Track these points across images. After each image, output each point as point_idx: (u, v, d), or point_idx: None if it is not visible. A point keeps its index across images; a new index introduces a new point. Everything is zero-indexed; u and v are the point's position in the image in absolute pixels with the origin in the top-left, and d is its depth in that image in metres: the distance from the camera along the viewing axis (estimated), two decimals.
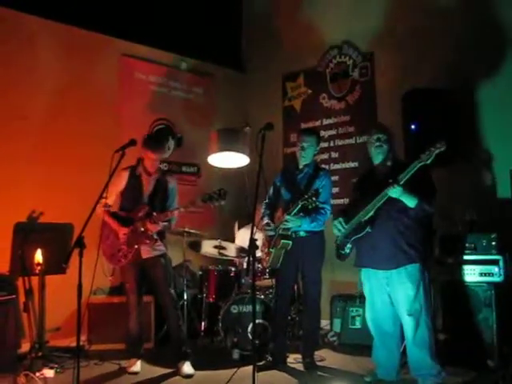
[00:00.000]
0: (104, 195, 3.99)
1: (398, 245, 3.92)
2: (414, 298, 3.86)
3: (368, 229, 3.99)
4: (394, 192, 3.72)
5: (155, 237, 4.62)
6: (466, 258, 4.63)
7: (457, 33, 5.50)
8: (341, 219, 4.18)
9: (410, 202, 3.78)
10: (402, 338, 4.11)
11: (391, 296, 4.01)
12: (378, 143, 4.08)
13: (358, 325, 5.37)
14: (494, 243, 4.56)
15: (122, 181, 4.71)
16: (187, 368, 4.58)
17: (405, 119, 5.27)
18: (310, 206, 4.30)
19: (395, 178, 3.74)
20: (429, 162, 3.61)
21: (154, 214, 4.52)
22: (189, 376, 4.51)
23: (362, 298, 5.39)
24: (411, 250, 3.90)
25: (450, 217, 4.90)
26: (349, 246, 4.18)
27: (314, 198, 4.23)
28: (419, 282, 3.89)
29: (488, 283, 4.51)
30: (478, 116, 5.30)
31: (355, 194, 4.39)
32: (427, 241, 4.04)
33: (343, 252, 4.22)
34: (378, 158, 4.13)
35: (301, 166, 4.77)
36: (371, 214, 3.94)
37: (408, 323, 3.91)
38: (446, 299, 4.68)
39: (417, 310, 3.86)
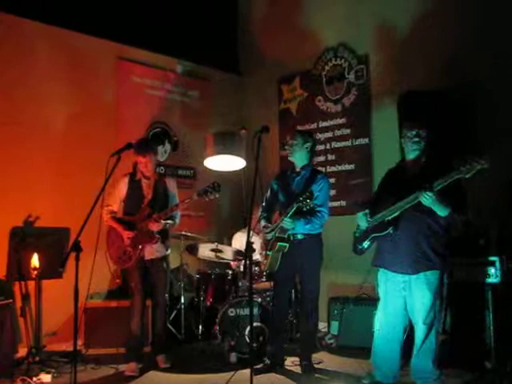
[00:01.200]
0: (105, 203, 4.45)
1: (420, 248, 3.80)
2: (431, 307, 3.78)
3: (390, 230, 3.85)
4: (427, 200, 3.54)
5: (158, 236, 4.73)
6: (462, 259, 4.63)
7: (452, 35, 5.51)
8: (367, 211, 4.03)
9: (442, 211, 3.64)
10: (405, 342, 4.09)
11: (407, 301, 3.92)
12: (416, 139, 3.89)
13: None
14: (490, 244, 4.56)
15: (123, 187, 4.87)
16: (165, 359, 4.86)
17: (400, 121, 5.27)
18: (304, 208, 4.29)
19: (427, 180, 3.56)
20: (468, 176, 3.42)
21: (155, 215, 4.68)
22: (164, 368, 4.78)
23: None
24: (433, 255, 3.79)
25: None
26: (367, 242, 4.06)
27: (308, 200, 4.22)
28: (437, 289, 3.80)
29: (485, 284, 4.51)
30: (473, 118, 5.30)
31: (381, 189, 4.23)
32: (448, 247, 3.90)
33: (360, 246, 4.11)
34: (413, 154, 3.94)
35: (297, 169, 4.77)
36: (396, 214, 3.81)
37: (421, 331, 3.83)
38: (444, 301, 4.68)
39: (432, 319, 3.81)
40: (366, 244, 4.09)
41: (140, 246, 4.70)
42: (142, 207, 4.77)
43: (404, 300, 3.94)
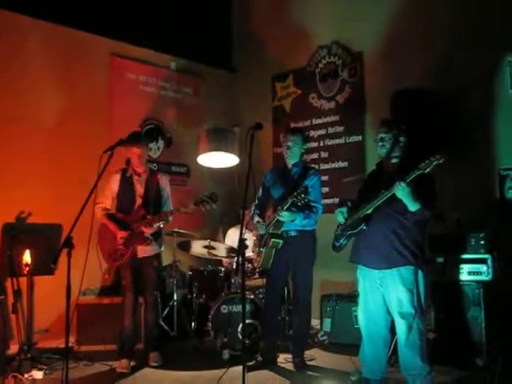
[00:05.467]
0: (97, 200, 4.45)
1: (392, 245, 3.86)
2: (407, 301, 3.81)
3: (363, 226, 3.94)
4: (400, 191, 3.63)
5: (150, 238, 4.74)
6: (454, 257, 4.65)
7: (446, 33, 5.53)
8: (344, 209, 4.10)
9: (413, 205, 3.70)
10: (392, 337, 4.12)
11: (384, 297, 3.98)
12: (380, 143, 3.99)
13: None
14: (482, 242, 4.58)
15: (115, 183, 4.87)
16: (157, 357, 4.86)
17: (394, 119, 5.28)
18: (299, 203, 4.29)
19: (398, 179, 3.65)
20: (426, 171, 3.56)
21: (149, 217, 4.68)
22: (156, 366, 4.78)
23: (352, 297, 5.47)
24: (406, 251, 3.84)
25: (438, 216, 4.92)
26: (344, 239, 4.13)
27: (303, 195, 4.23)
28: (413, 285, 3.83)
29: (477, 282, 4.54)
30: (467, 116, 5.32)
31: (362, 189, 4.28)
32: (423, 243, 3.99)
33: (338, 244, 4.18)
34: (381, 155, 4.06)
35: (289, 166, 4.78)
36: (369, 211, 3.90)
37: (400, 325, 3.89)
38: (434, 298, 4.70)
39: (410, 313, 3.83)
40: (342, 241, 4.16)
41: (132, 246, 4.71)
42: (136, 208, 4.77)
43: (382, 295, 3.98)
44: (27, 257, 4.79)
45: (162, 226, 4.78)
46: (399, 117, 5.23)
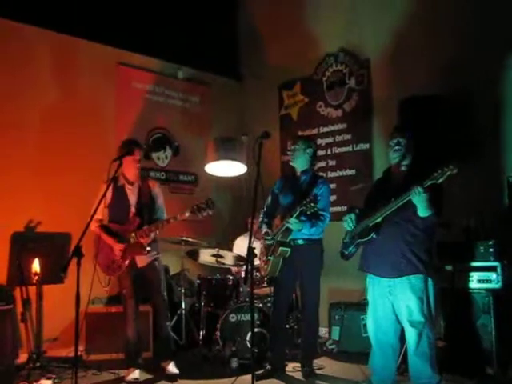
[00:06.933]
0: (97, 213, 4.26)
1: (402, 253, 3.86)
2: (417, 309, 3.80)
3: (373, 235, 3.92)
4: (416, 195, 3.59)
5: (148, 248, 4.69)
6: (463, 265, 4.63)
7: (453, 39, 5.52)
8: (352, 215, 4.11)
9: (425, 211, 3.69)
10: (401, 346, 4.10)
11: (394, 305, 3.97)
12: (397, 147, 3.98)
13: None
14: (491, 250, 4.55)
15: (106, 194, 4.72)
16: (172, 367, 4.73)
17: (402, 126, 5.27)
18: (308, 212, 4.28)
19: (408, 188, 3.64)
20: (439, 182, 3.55)
21: (145, 227, 4.62)
22: (174, 376, 4.65)
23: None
24: (416, 259, 3.83)
25: (447, 224, 4.90)
26: (353, 247, 4.13)
27: (312, 204, 4.22)
28: (422, 293, 3.82)
29: (486, 290, 4.51)
30: (475, 123, 5.31)
31: (369, 197, 4.30)
32: (432, 251, 3.98)
33: (346, 252, 4.17)
34: (394, 160, 4.04)
35: (298, 173, 4.78)
36: (379, 220, 3.89)
37: (410, 334, 3.87)
38: (444, 306, 4.67)
39: (420, 322, 3.81)
40: (351, 249, 4.16)
41: (129, 257, 4.65)
42: (131, 218, 4.70)
43: (392, 304, 3.97)
44: (36, 266, 4.80)
45: (157, 233, 4.74)
46: (407, 124, 5.21)
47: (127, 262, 4.65)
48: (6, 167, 5.31)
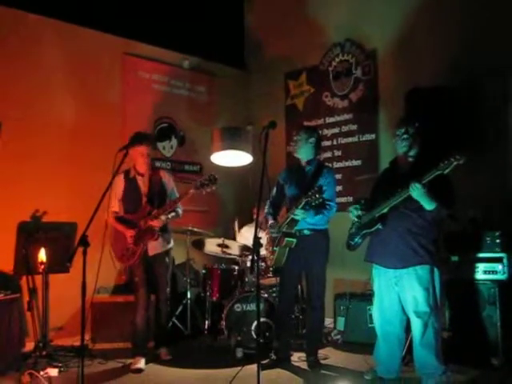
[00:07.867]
0: (110, 204, 4.60)
1: (409, 244, 3.87)
2: (423, 300, 3.81)
3: (379, 225, 3.96)
4: (415, 191, 3.64)
5: (158, 231, 4.76)
6: (469, 255, 4.62)
7: (459, 30, 5.48)
8: (358, 206, 4.14)
9: (429, 205, 3.72)
10: (406, 336, 4.11)
11: (400, 296, 3.98)
12: (405, 136, 3.97)
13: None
14: (498, 241, 4.54)
15: (119, 186, 4.88)
16: (167, 352, 4.97)
17: (408, 117, 5.25)
18: (313, 203, 4.27)
19: (415, 178, 3.67)
20: (446, 172, 3.57)
21: (155, 211, 4.73)
22: (166, 359, 4.90)
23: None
24: (422, 250, 3.85)
25: (453, 215, 4.89)
26: (359, 238, 4.15)
27: (317, 195, 4.21)
28: (429, 284, 3.83)
29: (492, 281, 4.50)
30: (482, 113, 5.27)
31: (375, 188, 4.31)
32: (439, 241, 3.98)
33: (352, 242, 4.20)
34: (401, 150, 4.03)
35: (303, 164, 4.77)
36: (385, 210, 3.91)
37: (416, 324, 3.88)
38: (449, 297, 4.67)
39: (426, 312, 3.82)
40: (357, 240, 4.18)
41: (142, 244, 4.75)
42: (142, 205, 4.80)
43: (398, 295, 3.98)
44: (42, 255, 4.82)
45: (170, 217, 4.83)
46: (413, 115, 5.19)
47: (140, 249, 4.74)
48: (13, 157, 5.31)
